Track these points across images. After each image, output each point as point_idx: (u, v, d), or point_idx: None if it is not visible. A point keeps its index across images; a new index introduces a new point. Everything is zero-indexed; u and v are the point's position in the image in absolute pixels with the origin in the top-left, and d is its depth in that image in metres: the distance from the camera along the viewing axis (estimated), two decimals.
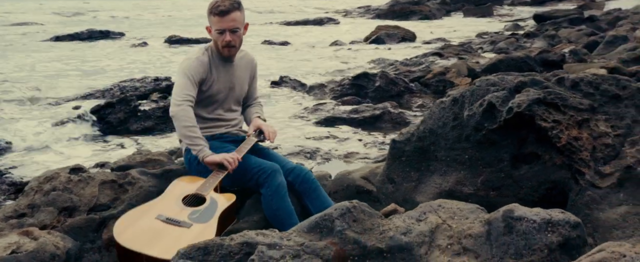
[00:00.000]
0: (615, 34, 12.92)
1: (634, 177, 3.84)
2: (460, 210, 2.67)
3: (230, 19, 4.08)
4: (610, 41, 12.74)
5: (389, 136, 7.55)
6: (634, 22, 15.99)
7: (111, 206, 4.03)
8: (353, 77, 10.28)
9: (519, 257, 2.35)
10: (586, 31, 16.37)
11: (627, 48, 12.02)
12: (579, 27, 16.93)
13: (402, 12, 30.12)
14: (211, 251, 2.46)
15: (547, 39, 16.11)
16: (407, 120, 8.18)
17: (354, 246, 2.48)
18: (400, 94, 9.74)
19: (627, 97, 4.14)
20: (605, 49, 12.59)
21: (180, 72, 4.13)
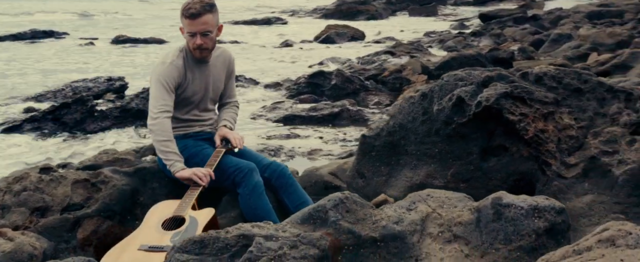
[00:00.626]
0: (560, 32, 13.33)
1: (598, 167, 4.00)
2: (448, 199, 2.75)
3: (201, 22, 4.05)
4: (556, 39, 13.13)
5: (349, 132, 7.63)
6: (575, 20, 16.49)
7: (85, 206, 3.98)
8: (309, 76, 10.34)
9: (508, 243, 2.44)
10: (530, 30, 16.81)
11: (572, 46, 12.42)
12: (523, 26, 17.37)
13: (349, 12, 30.29)
14: (207, 244, 2.47)
15: (493, 38, 16.48)
16: (366, 117, 8.28)
17: (349, 235, 2.53)
18: (356, 91, 9.83)
19: (588, 90, 4.29)
20: (550, 47, 12.98)
21: (154, 78, 4.08)
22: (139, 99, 8.26)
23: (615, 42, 11.99)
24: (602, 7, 18.08)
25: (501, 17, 18.88)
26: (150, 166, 4.26)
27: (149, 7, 33.45)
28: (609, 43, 11.98)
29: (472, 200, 2.78)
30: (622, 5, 18.58)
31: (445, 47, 15.34)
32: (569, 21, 16.51)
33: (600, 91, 4.27)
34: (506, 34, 16.61)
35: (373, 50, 14.91)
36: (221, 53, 4.38)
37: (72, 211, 3.94)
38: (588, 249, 1.87)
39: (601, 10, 17.68)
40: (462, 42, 15.73)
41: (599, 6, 18.53)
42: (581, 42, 12.30)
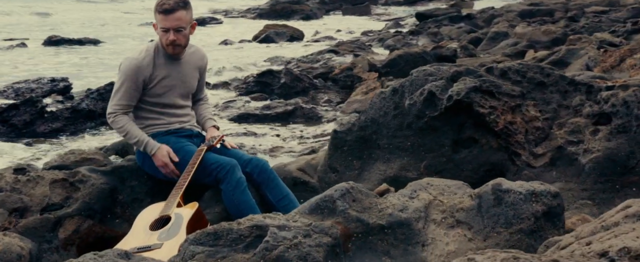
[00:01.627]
0: (497, 30, 13.74)
1: (564, 156, 4.21)
2: (448, 187, 2.87)
3: (174, 17, 4.07)
4: (493, 37, 13.53)
5: (305, 130, 7.72)
6: (509, 19, 17.02)
7: (64, 205, 3.94)
8: (258, 75, 10.37)
9: (509, 226, 2.58)
10: (465, 28, 17.26)
11: (509, 43, 12.83)
12: (459, 25, 17.82)
13: (284, 12, 30.36)
14: (221, 235, 2.52)
15: (430, 36, 16.85)
16: (319, 115, 8.38)
17: (358, 223, 2.62)
18: (306, 90, 9.92)
19: (551, 83, 4.50)
20: (488, 45, 13.36)
21: (120, 73, 4.12)
22: (90, 100, 8.12)
23: (550, 39, 12.45)
24: (533, 6, 18.70)
25: (437, 16, 19.31)
26: (128, 164, 4.24)
27: (81, 6, 32.65)
28: (545, 40, 12.43)
29: (470, 187, 2.91)
30: (551, 5, 19.27)
31: (385, 45, 15.59)
32: (502, 20, 17.02)
33: (563, 84, 4.48)
34: (443, 33, 17.00)
35: (314, 50, 15.03)
36: (195, 51, 4.41)
37: (52, 211, 3.90)
38: (615, 224, 2.02)
39: (532, 9, 18.29)
40: (402, 40, 16.02)
41: (530, 5, 19.16)
42: (518, 39, 12.72)
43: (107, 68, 13.22)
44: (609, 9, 17.01)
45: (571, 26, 13.27)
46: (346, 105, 8.24)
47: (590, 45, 10.54)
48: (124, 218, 4.04)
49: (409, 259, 2.57)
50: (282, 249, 2.39)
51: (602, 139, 4.13)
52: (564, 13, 17.14)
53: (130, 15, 28.85)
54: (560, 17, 16.18)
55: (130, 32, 21.55)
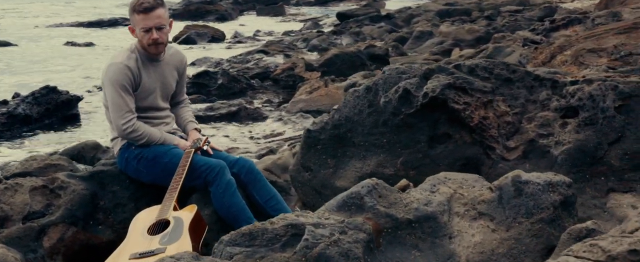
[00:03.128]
0: (421, 30, 14.10)
1: (536, 149, 4.39)
2: (465, 180, 2.96)
3: (155, 15, 4.00)
4: (418, 36, 13.88)
5: (254, 130, 7.70)
6: (428, 18, 17.49)
7: (46, 213, 3.80)
8: (194, 76, 10.24)
9: (529, 216, 2.69)
10: (386, 28, 17.61)
11: (435, 42, 13.20)
12: (379, 25, 18.15)
13: (198, 12, 29.97)
14: (256, 236, 2.51)
15: (353, 36, 17.09)
16: (264, 115, 8.37)
17: (387, 219, 2.66)
18: (243, 90, 9.89)
19: (517, 79, 4.68)
20: (414, 44, 13.70)
21: (109, 83, 3.96)
22: (26, 104, 7.81)
23: (474, 38, 12.90)
24: (449, 6, 19.30)
25: (358, 16, 19.59)
26: (107, 168, 4.13)
27: None
28: (469, 39, 12.87)
29: (485, 180, 3.00)
30: (465, 4, 19.93)
31: (310, 45, 15.69)
32: (421, 19, 17.48)
33: (529, 80, 4.67)
34: (365, 32, 17.28)
35: (239, 51, 14.96)
36: (174, 52, 4.34)
37: (34, 219, 3.75)
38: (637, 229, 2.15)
39: (449, 8, 18.86)
40: (326, 40, 16.17)
41: (445, 5, 19.74)
42: (443, 38, 13.10)
43: None
44: (523, 7, 17.76)
45: (492, 25, 13.77)
46: (291, 105, 8.27)
47: (516, 43, 10.99)
48: (107, 224, 3.94)
49: (438, 251, 2.64)
50: (322, 246, 2.41)
51: (571, 131, 4.33)
52: (481, 12, 17.76)
53: None
54: (478, 17, 16.75)
55: (44, 34, 20.80)
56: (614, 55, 8.19)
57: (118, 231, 3.95)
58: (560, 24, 12.85)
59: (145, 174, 3.99)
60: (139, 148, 4.00)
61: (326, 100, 8.14)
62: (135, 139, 3.96)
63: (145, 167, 3.97)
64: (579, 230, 2.51)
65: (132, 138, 3.95)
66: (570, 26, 12.86)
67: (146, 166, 3.96)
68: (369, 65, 10.65)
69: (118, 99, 3.91)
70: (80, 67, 13.75)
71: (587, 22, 12.59)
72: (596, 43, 8.40)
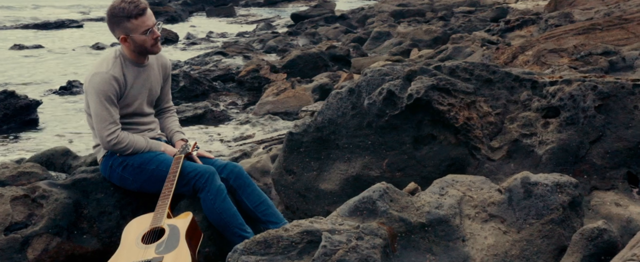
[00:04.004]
0: (379, 30, 14.16)
1: (520, 148, 4.43)
2: (473, 182, 2.95)
3: (150, 14, 3.94)
4: (376, 37, 13.95)
5: (222, 132, 7.60)
6: (382, 19, 17.60)
7: (29, 223, 3.66)
8: None
9: (540, 218, 2.70)
10: (341, 28, 17.66)
11: (393, 42, 13.28)
12: (335, 25, 18.19)
13: None
14: (272, 243, 2.45)
15: (308, 37, 17.08)
16: (231, 117, 8.28)
17: (400, 223, 2.64)
18: (206, 93, 9.76)
19: (497, 80, 4.72)
20: (372, 44, 13.76)
21: (94, 93, 3.81)
22: None
23: (432, 38, 13.02)
24: (402, 7, 19.44)
25: (312, 17, 19.58)
26: (90, 176, 4.00)
27: None
28: (427, 39, 12.99)
29: (492, 182, 3.00)
30: (417, 5, 20.11)
31: (267, 47, 15.61)
32: (376, 20, 17.58)
33: (509, 81, 4.71)
34: (320, 33, 17.29)
35: (195, 53, 14.78)
36: (158, 56, 4.22)
37: (16, 230, 3.60)
38: None
39: (402, 9, 19.01)
40: (282, 41, 16.12)
41: (399, 6, 19.89)
42: (401, 39, 13.19)
43: None
44: (475, 8, 18.02)
45: (449, 25, 13.93)
46: (258, 107, 8.20)
47: (475, 44, 11.13)
48: (92, 233, 3.81)
49: (452, 255, 2.63)
50: (341, 253, 2.37)
51: (554, 131, 4.39)
52: (434, 13, 17.95)
53: None
54: (432, 17, 16.93)
55: None
56: (574, 55, 8.37)
57: (104, 240, 3.83)
58: (514, 25, 13.09)
59: (131, 181, 3.87)
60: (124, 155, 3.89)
61: (294, 101, 8.09)
62: (120, 150, 3.83)
63: (131, 174, 3.85)
64: (591, 230, 2.53)
65: (117, 150, 3.83)
66: (524, 27, 13.11)
67: (132, 173, 3.85)
68: (331, 66, 10.64)
69: (102, 111, 3.77)
70: (34, 71, 13.38)
71: (540, 23, 12.85)
72: (557, 43, 8.57)
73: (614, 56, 8.06)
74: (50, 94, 10.60)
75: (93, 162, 5.42)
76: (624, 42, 8.22)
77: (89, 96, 3.85)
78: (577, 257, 2.66)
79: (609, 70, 7.85)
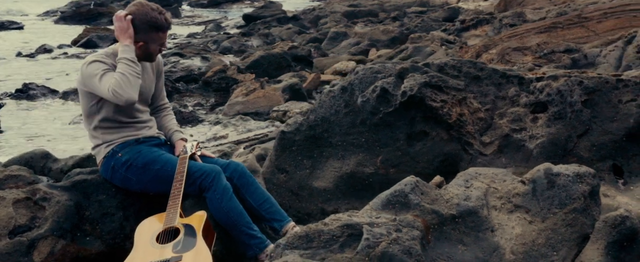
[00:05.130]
0: (336, 31, 14.24)
1: (511, 143, 4.55)
2: (495, 174, 3.02)
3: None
4: (333, 37, 14.02)
5: (194, 134, 7.54)
6: (336, 20, 17.69)
7: (33, 226, 3.57)
8: None
9: (563, 207, 2.79)
10: (294, 29, 17.67)
11: (351, 43, 13.37)
12: (288, 26, 18.19)
13: (89, 15, 28.92)
14: (313, 238, 2.47)
15: (262, 37, 17.04)
16: (200, 118, 8.21)
17: (433, 215, 2.68)
18: (169, 94, 9.65)
19: (485, 77, 4.83)
20: (330, 44, 13.82)
21: (90, 78, 3.74)
22: None
23: (389, 38, 13.17)
24: (354, 7, 19.58)
25: (265, 18, 19.54)
26: (90, 177, 3.92)
27: None
28: (384, 39, 13.13)
29: (512, 174, 3.08)
30: (368, 5, 20.29)
31: (221, 47, 15.51)
32: (329, 20, 17.67)
33: (496, 77, 4.83)
34: (274, 34, 17.27)
35: None
36: None
37: (21, 233, 3.52)
38: None
39: (354, 10, 19.14)
40: (237, 42, 16.04)
41: (350, 6, 20.03)
42: (359, 39, 13.29)
43: None
44: (426, 9, 18.29)
45: (405, 25, 14.10)
46: (228, 108, 8.16)
47: (435, 43, 11.31)
48: (95, 235, 3.75)
49: (482, 245, 2.69)
50: (384, 245, 2.40)
51: (543, 125, 4.52)
52: (387, 13, 18.14)
53: None
54: (385, 17, 17.11)
55: None
56: (537, 53, 8.60)
57: (107, 242, 3.76)
58: (470, 25, 13.33)
59: (134, 182, 3.81)
60: (127, 155, 3.83)
61: (264, 101, 8.08)
62: (123, 85, 3.68)
63: (134, 175, 3.80)
64: (614, 218, 2.63)
65: (124, 86, 3.68)
66: (479, 26, 13.37)
67: (136, 173, 3.79)
68: (294, 67, 10.66)
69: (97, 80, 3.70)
70: None
71: (495, 22, 13.13)
72: (520, 42, 8.79)
73: (576, 54, 8.32)
74: (6, 97, 10.31)
75: (75, 164, 5.30)
76: (584, 40, 8.50)
77: (86, 86, 3.80)
78: (601, 243, 2.77)
79: (571, 67, 8.09)
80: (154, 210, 3.84)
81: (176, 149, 4.08)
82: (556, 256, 2.68)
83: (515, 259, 2.65)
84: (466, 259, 2.64)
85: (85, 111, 3.95)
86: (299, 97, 8.27)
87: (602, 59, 8.15)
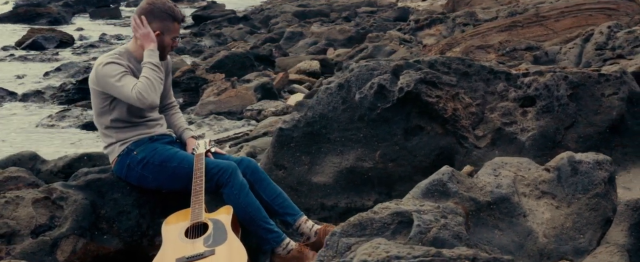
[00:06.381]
0: (292, 30, 14.33)
1: (503, 136, 4.74)
2: (520, 163, 3.18)
3: None
4: (289, 37, 14.10)
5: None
6: (287, 20, 17.78)
7: (52, 225, 3.57)
8: (79, 82, 9.76)
9: (586, 192, 2.97)
10: (246, 29, 17.68)
11: (309, 42, 13.49)
12: (239, 26, 18.18)
13: (28, 15, 28.14)
14: (366, 225, 2.57)
15: (214, 37, 17.00)
16: None
17: (471, 202, 2.82)
18: None
19: (474, 73, 5.02)
20: (286, 44, 13.90)
21: (105, 78, 3.79)
22: None
23: (346, 37, 13.35)
24: (303, 7, 19.71)
25: (215, 18, 19.47)
26: (103, 176, 3.93)
27: None
28: (341, 39, 13.30)
29: (535, 163, 3.25)
30: (317, 6, 20.45)
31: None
32: (281, 19, 17.75)
33: (484, 73, 5.02)
34: (225, 34, 17.24)
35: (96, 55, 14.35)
36: None
37: (43, 233, 3.51)
38: None
39: (304, 10, 19.26)
40: (190, 42, 15.96)
41: (299, 6, 20.15)
42: (316, 38, 13.42)
43: None
44: (376, 9, 18.56)
45: (361, 25, 14.30)
46: (200, 107, 8.16)
47: (394, 42, 11.53)
48: (113, 233, 3.76)
49: (517, 230, 2.85)
50: (435, 230, 2.53)
51: (532, 119, 4.74)
52: (338, 13, 18.33)
53: None
54: (337, 17, 17.29)
55: None
56: (500, 51, 8.89)
57: (125, 240, 3.78)
58: (424, 24, 13.63)
59: (151, 179, 3.84)
60: (143, 153, 3.86)
61: (236, 101, 8.11)
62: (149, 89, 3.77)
63: (151, 172, 3.82)
64: (636, 201, 2.83)
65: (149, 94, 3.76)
66: (433, 25, 13.68)
67: (153, 171, 3.82)
68: (257, 66, 10.72)
69: (117, 83, 3.76)
70: None
71: (448, 22, 13.46)
72: (483, 40, 9.07)
73: (537, 51, 8.65)
74: None
75: (65, 165, 5.28)
76: (543, 38, 8.84)
77: (100, 86, 3.84)
78: (625, 226, 2.97)
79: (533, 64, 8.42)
80: (169, 207, 3.88)
81: (188, 147, 4.13)
82: (583, 238, 2.86)
83: (548, 243, 2.82)
84: (503, 243, 2.79)
85: (97, 110, 3.96)
86: (270, 96, 8.34)
87: (562, 56, 8.49)
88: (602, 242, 2.87)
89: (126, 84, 3.75)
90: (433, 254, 2.07)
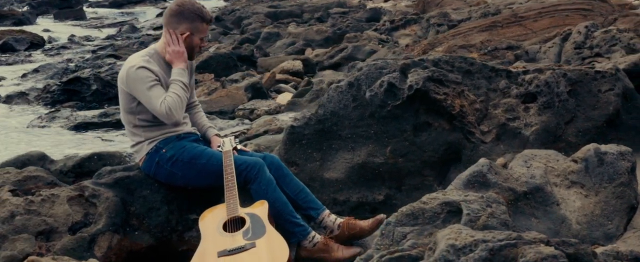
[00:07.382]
0: (269, 31, 14.40)
1: (508, 131, 4.93)
2: (548, 155, 3.36)
3: None
4: (266, 38, 14.17)
5: None
6: (259, 20, 17.83)
7: (87, 222, 3.64)
8: (64, 83, 9.72)
9: (611, 181, 3.16)
10: (219, 30, 17.69)
11: (286, 43, 13.58)
12: (211, 27, 18.16)
13: None
14: (418, 215, 2.72)
15: None
16: None
17: (510, 192, 2.99)
18: None
19: (476, 71, 5.21)
20: (264, 44, 13.96)
21: (135, 83, 3.87)
22: None
23: (323, 38, 13.49)
24: (274, 8, 19.78)
25: None
26: (131, 174, 4.00)
27: None
28: (318, 39, 13.43)
29: (562, 155, 3.43)
30: (288, 7, 20.54)
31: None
32: (254, 20, 17.79)
33: (486, 71, 5.22)
34: None
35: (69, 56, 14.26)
36: None
37: (80, 229, 3.58)
38: None
39: (275, 11, 19.34)
40: None
41: (270, 7, 20.21)
42: (294, 39, 13.53)
43: None
44: (348, 9, 18.72)
45: (337, 26, 14.44)
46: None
47: (372, 42, 11.70)
48: (143, 229, 3.84)
49: (552, 217, 3.02)
50: (484, 219, 2.69)
51: (535, 114, 4.94)
52: (311, 14, 18.45)
53: None
54: (309, 18, 17.42)
55: None
56: (482, 50, 9.13)
57: (156, 236, 3.86)
58: (399, 24, 13.84)
59: (180, 177, 3.92)
60: (172, 151, 3.94)
61: (228, 100, 8.18)
62: (178, 107, 3.90)
63: (180, 169, 3.91)
64: None
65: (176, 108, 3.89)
66: (408, 26, 13.90)
67: (182, 168, 3.91)
68: (240, 66, 10.79)
69: (152, 93, 3.85)
70: None
71: (422, 22, 13.69)
72: (464, 40, 9.30)
73: (517, 50, 8.90)
74: None
75: (76, 165, 5.32)
76: (523, 38, 9.10)
77: (129, 85, 3.91)
78: None
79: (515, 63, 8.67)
80: (196, 203, 3.98)
81: (212, 144, 4.22)
82: (611, 224, 3.05)
83: (581, 229, 3.00)
84: (541, 230, 2.96)
85: (126, 109, 4.03)
86: (260, 96, 8.43)
87: (542, 55, 8.76)
88: (628, 227, 3.06)
89: (156, 96, 3.84)
90: (515, 238, 2.22)
